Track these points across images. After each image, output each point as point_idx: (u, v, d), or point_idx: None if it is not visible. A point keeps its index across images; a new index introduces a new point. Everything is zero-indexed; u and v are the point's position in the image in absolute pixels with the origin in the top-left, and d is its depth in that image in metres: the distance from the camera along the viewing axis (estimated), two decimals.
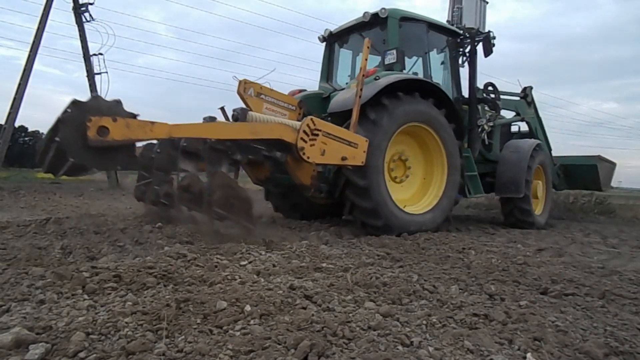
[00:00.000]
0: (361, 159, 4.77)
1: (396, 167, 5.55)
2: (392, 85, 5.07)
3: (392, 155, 5.40)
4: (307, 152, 4.39)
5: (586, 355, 1.79)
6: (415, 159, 5.73)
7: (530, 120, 8.16)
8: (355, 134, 4.78)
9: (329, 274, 2.89)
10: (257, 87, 5.38)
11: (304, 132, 4.35)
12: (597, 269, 3.64)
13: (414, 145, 5.72)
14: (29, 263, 2.81)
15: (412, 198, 5.66)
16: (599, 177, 8.45)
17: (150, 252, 3.26)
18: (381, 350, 1.72)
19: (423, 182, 5.77)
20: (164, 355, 1.59)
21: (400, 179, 5.57)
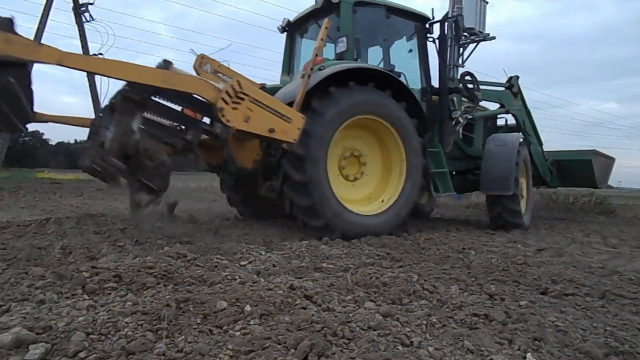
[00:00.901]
0: (293, 135, 4.28)
1: (349, 164, 5.09)
2: (339, 75, 4.66)
3: (343, 150, 5.01)
4: (228, 114, 3.92)
5: (586, 355, 1.79)
6: (373, 156, 5.25)
7: (516, 112, 7.53)
8: (291, 109, 4.39)
9: (329, 274, 2.89)
10: (215, 64, 5.10)
11: (227, 93, 3.90)
12: (597, 269, 3.64)
13: (372, 141, 5.25)
14: (29, 263, 2.81)
15: (367, 198, 5.20)
16: (594, 173, 7.87)
17: (150, 252, 3.26)
18: (381, 350, 1.72)
19: (380, 181, 5.29)
20: (164, 355, 1.59)
21: (353, 176, 5.11)
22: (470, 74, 6.69)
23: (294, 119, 4.31)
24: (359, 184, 5.16)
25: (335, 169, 4.94)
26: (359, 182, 5.16)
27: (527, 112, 7.70)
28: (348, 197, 4.93)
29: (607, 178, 8.46)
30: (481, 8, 14.64)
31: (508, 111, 7.41)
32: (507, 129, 7.67)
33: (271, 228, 5.36)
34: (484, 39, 14.74)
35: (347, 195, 4.94)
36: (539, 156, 7.78)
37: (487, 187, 6.47)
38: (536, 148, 7.75)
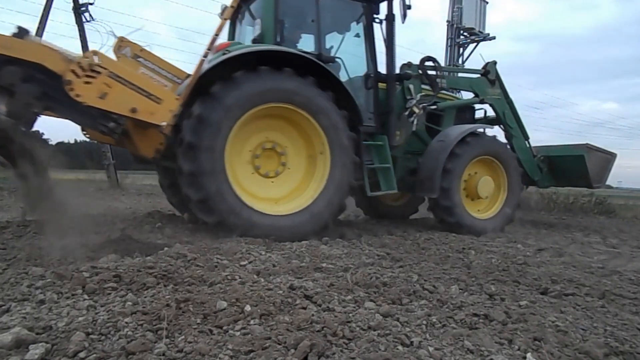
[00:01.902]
0: (163, 118, 3.93)
1: (266, 158, 4.56)
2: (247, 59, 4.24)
3: (258, 143, 4.51)
4: (78, 89, 3.56)
5: (586, 355, 1.79)
6: (295, 151, 4.71)
7: (494, 102, 6.68)
8: (165, 89, 4.07)
9: (329, 274, 2.89)
10: (136, 48, 4.70)
11: (79, 66, 3.55)
12: (597, 269, 3.64)
13: (293, 134, 4.71)
14: (29, 263, 2.81)
15: (287, 196, 4.66)
16: (588, 171, 6.77)
17: (150, 252, 3.25)
18: (381, 350, 1.72)
19: (304, 178, 4.73)
20: (164, 355, 1.59)
21: (271, 172, 4.58)
22: (432, 59, 6.08)
23: (166, 99, 3.97)
24: (280, 181, 4.65)
25: (245, 163, 4.48)
26: (279, 179, 4.64)
27: (508, 102, 6.86)
28: (262, 194, 4.49)
29: (605, 176, 7.27)
30: (481, 8, 14.69)
31: (483, 100, 6.62)
32: (486, 121, 7.02)
33: None
34: (484, 39, 14.79)
35: (262, 193, 4.50)
36: (523, 151, 6.89)
37: (418, 187, 5.87)
38: (520, 142, 6.87)
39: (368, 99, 5.44)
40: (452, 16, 14.27)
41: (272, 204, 4.50)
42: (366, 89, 5.44)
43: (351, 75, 5.39)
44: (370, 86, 5.44)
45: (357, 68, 5.45)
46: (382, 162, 5.33)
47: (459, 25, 14.20)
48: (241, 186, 4.35)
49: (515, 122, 6.87)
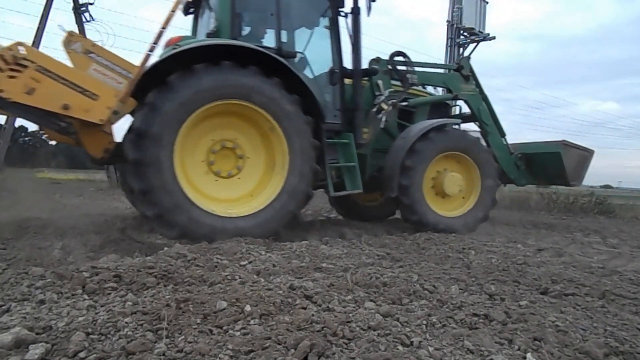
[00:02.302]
0: (100, 115, 3.76)
1: (221, 157, 4.36)
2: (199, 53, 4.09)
3: (214, 142, 4.31)
4: (1, 84, 3.38)
5: (586, 355, 1.79)
6: (254, 150, 4.50)
7: (468, 98, 6.51)
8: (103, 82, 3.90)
9: (329, 274, 2.89)
10: (87, 43, 4.49)
11: (2, 59, 3.36)
12: (597, 269, 3.64)
13: (252, 133, 4.49)
14: (29, 263, 2.82)
15: (241, 199, 4.45)
16: (564, 168, 6.60)
17: (150, 252, 3.26)
18: (381, 350, 1.72)
19: (262, 180, 4.53)
20: (164, 355, 1.59)
21: (226, 172, 4.37)
22: (402, 53, 5.93)
23: (103, 96, 3.78)
24: (238, 181, 4.45)
25: (199, 161, 4.29)
26: (236, 179, 4.44)
27: (483, 98, 6.69)
28: (215, 194, 4.31)
29: (582, 174, 7.11)
30: (481, 8, 14.69)
31: (457, 97, 6.47)
32: (462, 118, 6.89)
33: None
34: (484, 39, 14.79)
35: (215, 192, 4.31)
36: (500, 149, 6.73)
37: (382, 186, 5.69)
38: (496, 139, 6.71)
39: (334, 96, 5.26)
40: (452, 16, 14.28)
41: (223, 205, 4.30)
42: (331, 85, 5.24)
43: (318, 71, 5.25)
44: (335, 82, 5.23)
45: (324, 64, 5.28)
46: (348, 160, 5.13)
47: (459, 25, 14.21)
48: (191, 183, 4.18)
49: (491, 119, 6.72)
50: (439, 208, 5.66)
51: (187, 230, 3.93)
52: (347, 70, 5.32)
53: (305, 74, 5.12)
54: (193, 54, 4.07)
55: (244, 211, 4.28)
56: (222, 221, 4.11)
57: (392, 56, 5.81)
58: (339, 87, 5.27)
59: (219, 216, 4.12)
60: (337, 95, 5.26)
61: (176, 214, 3.92)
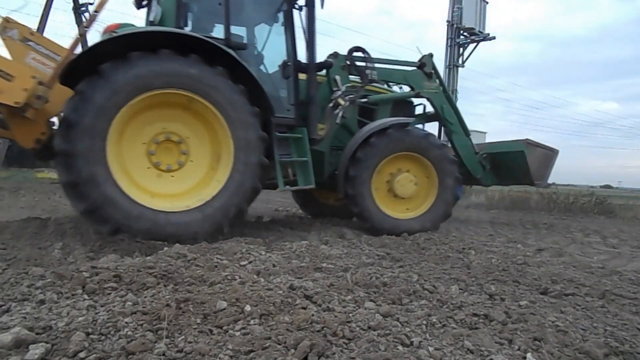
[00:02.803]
0: (15, 97, 3.60)
1: (164, 150, 4.14)
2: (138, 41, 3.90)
3: (153, 134, 4.10)
4: None
5: (586, 355, 1.79)
6: (200, 143, 4.30)
7: (431, 96, 6.36)
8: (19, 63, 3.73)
9: (329, 274, 2.89)
10: (24, 30, 4.30)
11: None
12: (597, 269, 3.64)
13: (197, 125, 4.28)
14: (29, 263, 2.82)
15: (184, 193, 4.23)
16: (529, 167, 6.50)
17: (150, 252, 3.26)
18: (381, 350, 1.72)
19: (207, 174, 4.33)
20: (164, 355, 1.59)
21: (166, 166, 4.15)
22: (361, 49, 5.80)
23: (19, 76, 3.58)
24: (182, 175, 4.25)
25: (138, 154, 4.07)
26: (180, 173, 4.24)
27: (447, 96, 6.61)
28: (156, 188, 4.10)
29: (547, 173, 7.00)
30: (481, 8, 14.69)
31: (419, 94, 6.29)
32: (425, 117, 6.75)
33: (271, 228, 5.36)
34: (484, 39, 14.80)
35: (156, 187, 4.10)
36: (464, 148, 6.62)
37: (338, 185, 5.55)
38: (460, 139, 6.60)
39: (288, 89, 5.12)
40: (452, 16, 14.28)
41: (166, 200, 4.09)
42: (284, 78, 5.10)
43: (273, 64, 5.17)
44: (289, 75, 5.09)
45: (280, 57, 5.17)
46: (300, 155, 4.96)
47: (459, 25, 14.21)
48: (130, 177, 4.00)
49: (455, 118, 6.58)
50: (397, 210, 5.54)
51: (122, 226, 3.75)
52: (302, 63, 5.17)
53: (262, 69, 5.09)
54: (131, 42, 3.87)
55: (187, 205, 4.08)
56: (164, 216, 3.93)
57: (350, 51, 5.70)
58: (293, 81, 5.12)
59: (159, 211, 3.93)
60: (290, 89, 5.11)
61: (109, 209, 3.71)
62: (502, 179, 7.13)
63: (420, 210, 5.64)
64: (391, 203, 5.52)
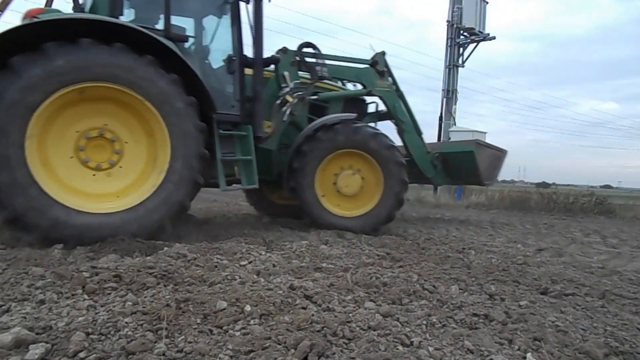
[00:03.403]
0: None
1: (94, 147, 3.83)
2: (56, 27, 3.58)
3: (82, 131, 3.78)
4: None
5: (586, 355, 1.79)
6: (134, 139, 4.00)
7: (384, 94, 6.27)
8: None
9: (329, 274, 2.89)
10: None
11: None
12: (597, 269, 3.64)
13: (132, 121, 3.99)
14: (29, 263, 2.81)
15: (120, 192, 3.94)
16: (478, 167, 6.58)
17: (150, 252, 3.26)
18: (381, 350, 1.72)
19: (143, 172, 4.05)
20: (164, 355, 1.59)
21: (102, 164, 3.85)
22: (311, 45, 5.64)
23: None
24: (117, 174, 3.94)
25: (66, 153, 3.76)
26: (112, 173, 3.93)
27: (399, 95, 6.50)
28: (89, 189, 3.79)
29: (495, 173, 7.14)
30: (481, 8, 14.69)
31: (371, 92, 6.22)
32: (378, 116, 6.66)
33: (271, 228, 5.36)
34: (484, 39, 14.79)
35: (88, 187, 3.79)
36: (416, 147, 6.59)
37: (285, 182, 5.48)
38: (412, 137, 6.55)
39: (234, 85, 4.90)
40: (452, 16, 14.27)
41: (101, 200, 3.81)
42: (229, 74, 4.89)
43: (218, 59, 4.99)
44: (234, 70, 4.87)
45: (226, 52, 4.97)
46: (245, 154, 4.73)
47: (459, 25, 14.21)
48: (58, 179, 3.70)
49: (407, 117, 6.53)
50: (341, 207, 5.44)
51: (51, 232, 3.47)
52: (248, 58, 4.95)
53: (207, 63, 4.90)
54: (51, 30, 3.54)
55: (123, 205, 3.81)
56: (95, 218, 3.65)
57: (300, 47, 5.53)
58: (238, 77, 4.89)
59: (93, 213, 3.66)
60: (236, 85, 4.88)
61: (34, 216, 3.44)
62: (453, 179, 7.19)
63: (363, 210, 5.48)
64: (335, 200, 5.43)
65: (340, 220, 5.33)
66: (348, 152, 5.34)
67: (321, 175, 5.30)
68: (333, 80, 6.13)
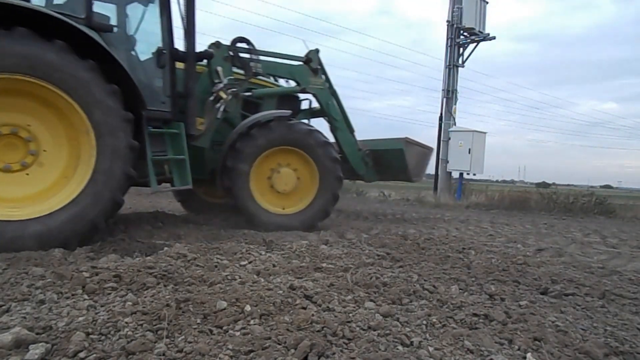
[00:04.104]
0: None
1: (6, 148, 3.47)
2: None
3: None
4: None
5: (586, 355, 1.79)
6: (52, 139, 3.61)
7: (317, 92, 6.26)
8: None
9: (329, 274, 2.89)
10: None
11: None
12: (597, 269, 3.64)
13: (52, 119, 3.61)
14: (29, 263, 2.82)
15: (39, 195, 3.54)
16: (407, 164, 6.81)
17: (150, 252, 3.26)
18: (381, 350, 1.72)
19: (65, 173, 3.66)
20: (164, 355, 1.59)
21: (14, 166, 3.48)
22: (245, 40, 5.49)
23: None
24: (30, 177, 3.55)
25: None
26: (29, 174, 3.54)
27: (332, 92, 6.51)
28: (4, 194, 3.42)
29: (422, 170, 7.41)
30: (481, 8, 14.68)
31: (304, 90, 6.20)
32: (311, 113, 6.63)
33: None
34: (484, 39, 14.78)
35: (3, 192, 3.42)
36: (349, 145, 6.65)
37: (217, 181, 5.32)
38: (345, 135, 6.60)
39: (164, 80, 4.63)
40: (452, 16, 14.27)
41: (12, 205, 3.42)
42: (159, 68, 4.60)
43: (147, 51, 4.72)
44: (164, 64, 4.58)
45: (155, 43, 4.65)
46: (177, 153, 4.49)
47: (459, 25, 14.20)
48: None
49: (340, 114, 6.55)
50: (277, 205, 5.41)
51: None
52: (179, 52, 4.69)
53: (133, 55, 4.59)
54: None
55: (46, 209, 3.45)
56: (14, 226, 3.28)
57: (233, 42, 5.38)
58: (169, 71, 4.60)
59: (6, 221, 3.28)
60: (166, 79, 4.60)
61: None
62: (383, 175, 7.30)
63: (299, 207, 5.49)
64: (271, 198, 5.39)
65: (277, 218, 5.29)
66: (283, 150, 5.31)
67: (256, 173, 5.24)
68: (266, 76, 6.06)
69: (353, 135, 6.74)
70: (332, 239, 4.63)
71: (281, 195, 5.45)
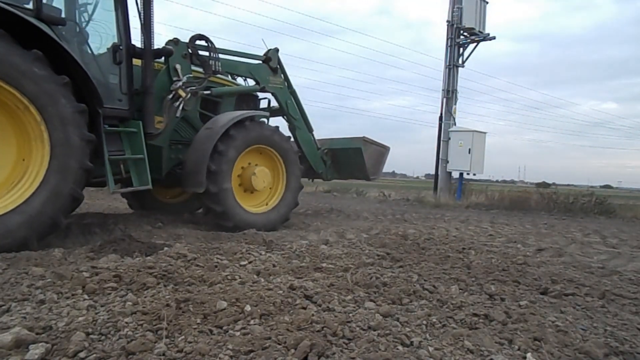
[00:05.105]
0: None
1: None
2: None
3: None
4: None
5: (586, 355, 1.79)
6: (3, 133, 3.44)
7: (276, 91, 6.35)
8: None
9: (329, 274, 2.89)
10: None
11: None
12: (597, 269, 3.64)
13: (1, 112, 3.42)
14: (29, 263, 2.82)
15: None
16: (365, 163, 6.97)
17: (150, 252, 3.26)
18: (381, 350, 1.72)
19: (21, 166, 3.48)
20: (164, 355, 1.59)
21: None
22: (204, 37, 5.40)
23: None
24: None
25: None
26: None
27: (291, 92, 6.58)
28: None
29: (380, 168, 7.54)
30: (481, 8, 14.67)
31: (264, 89, 6.23)
32: (271, 112, 6.63)
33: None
34: (484, 39, 14.78)
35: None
36: (307, 144, 6.77)
37: (184, 181, 5.11)
38: (303, 134, 6.71)
39: (120, 77, 4.47)
40: (452, 16, 14.26)
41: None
42: (115, 64, 4.43)
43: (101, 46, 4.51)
44: (120, 60, 4.42)
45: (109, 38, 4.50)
46: (135, 152, 4.36)
47: (459, 25, 14.19)
48: None
49: (299, 114, 6.65)
50: (249, 204, 5.42)
51: None
52: (136, 48, 4.59)
53: (86, 50, 4.35)
54: None
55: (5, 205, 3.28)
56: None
57: (192, 39, 5.29)
58: (125, 68, 4.47)
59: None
60: (123, 76, 4.46)
61: None
62: (341, 174, 7.47)
63: (271, 204, 5.57)
64: (243, 198, 5.36)
65: (255, 217, 5.28)
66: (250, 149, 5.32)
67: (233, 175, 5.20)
68: (225, 74, 6.01)
69: (312, 135, 6.87)
70: (332, 239, 4.63)
71: (250, 194, 5.47)
